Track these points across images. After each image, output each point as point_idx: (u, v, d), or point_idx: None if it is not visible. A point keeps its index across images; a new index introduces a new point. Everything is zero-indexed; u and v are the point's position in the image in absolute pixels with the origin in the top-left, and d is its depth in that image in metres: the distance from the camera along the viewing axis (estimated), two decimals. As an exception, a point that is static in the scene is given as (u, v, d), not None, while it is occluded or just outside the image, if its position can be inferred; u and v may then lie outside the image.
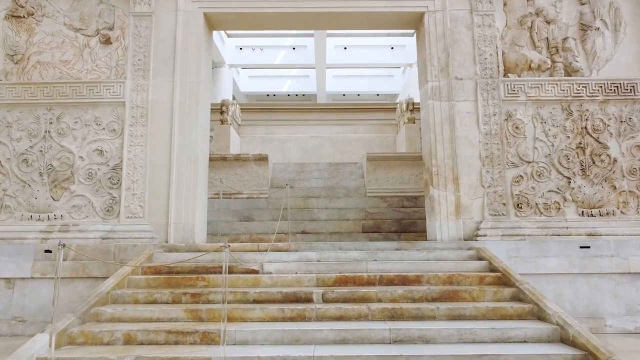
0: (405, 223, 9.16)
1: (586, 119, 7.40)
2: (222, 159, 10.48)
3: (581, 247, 6.87)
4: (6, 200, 7.23)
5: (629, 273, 6.70)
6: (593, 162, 7.30)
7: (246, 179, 10.39)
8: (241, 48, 20.58)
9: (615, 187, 7.22)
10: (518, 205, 7.21)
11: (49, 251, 7.01)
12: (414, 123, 11.74)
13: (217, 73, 20.27)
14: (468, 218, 7.17)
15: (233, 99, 17.28)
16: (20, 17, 7.69)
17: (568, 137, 7.37)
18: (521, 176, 7.28)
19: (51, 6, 7.73)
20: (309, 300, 5.15)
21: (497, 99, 7.41)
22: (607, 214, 7.17)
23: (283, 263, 6.14)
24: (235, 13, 7.85)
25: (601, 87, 7.44)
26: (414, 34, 19.19)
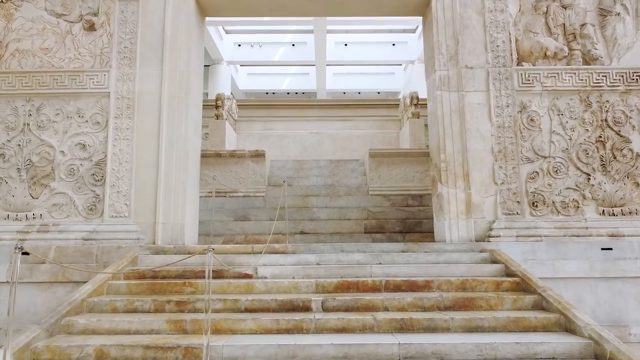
0: (410, 223, 8.63)
1: (606, 111, 6.86)
2: (217, 156, 9.95)
3: (602, 249, 6.34)
4: (-19, 198, 6.70)
5: (656, 277, 6.17)
6: (614, 157, 6.77)
7: (242, 177, 9.86)
8: (239, 44, 20.16)
9: (638, 184, 6.68)
10: (533, 203, 6.68)
11: (27, 253, 6.48)
12: (419, 118, 11.21)
13: (215, 70, 19.81)
14: (480, 217, 6.63)
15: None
16: (-3, 2, 7.17)
17: (587, 130, 6.84)
18: (537, 172, 6.75)
19: (31, -10, 7.21)
20: (308, 309, 4.60)
21: (511, 89, 6.87)
22: (630, 213, 6.63)
23: (279, 267, 5.60)
24: (229, -2, 7.33)
25: (622, 77, 6.90)
26: (415, 30, 19.02)
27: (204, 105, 10.63)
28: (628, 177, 6.71)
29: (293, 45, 20.21)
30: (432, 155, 7.24)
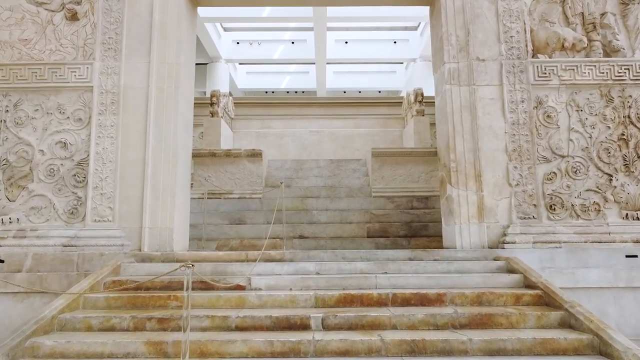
0: (415, 226, 8.12)
1: (629, 107, 6.35)
2: (212, 155, 9.44)
3: (627, 257, 5.84)
4: (-48, 201, 6.20)
5: (686, 287, 5.66)
6: (638, 157, 6.26)
7: (238, 177, 9.35)
8: (238, 42, 19.71)
9: (664, 186, 6.18)
10: (551, 206, 6.17)
11: (2, 261, 5.99)
12: (423, 116, 10.69)
13: (213, 68, 19.34)
14: (493, 222, 6.12)
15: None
16: (-28, -10, 6.65)
17: (608, 128, 6.33)
18: (554, 173, 6.24)
19: (9, -23, 6.69)
20: (306, 327, 4.09)
21: (526, 83, 6.36)
22: (656, 217, 6.12)
23: (275, 277, 5.09)
24: (221, -15, 6.82)
25: (646, 70, 6.40)
26: (417, 27, 18.51)
27: (200, 103, 10.14)
28: (653, 178, 6.20)
29: (293, 43, 19.77)
30: (441, 154, 6.72)
